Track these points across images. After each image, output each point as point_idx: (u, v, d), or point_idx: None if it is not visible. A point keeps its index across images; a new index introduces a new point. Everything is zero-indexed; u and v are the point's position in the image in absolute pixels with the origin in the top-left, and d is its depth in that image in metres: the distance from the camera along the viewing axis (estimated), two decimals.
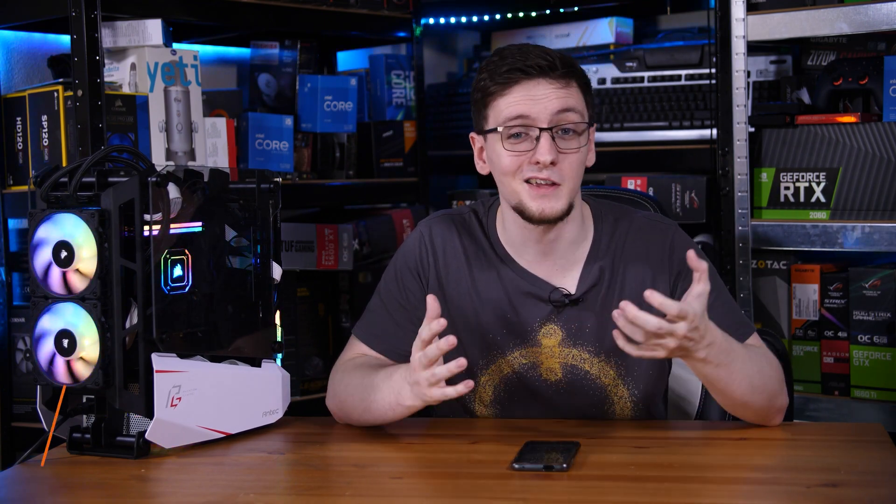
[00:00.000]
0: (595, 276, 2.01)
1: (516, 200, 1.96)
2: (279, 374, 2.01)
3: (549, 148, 1.91)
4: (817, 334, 2.83)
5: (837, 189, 2.73)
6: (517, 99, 1.93)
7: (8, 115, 2.68)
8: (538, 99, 1.92)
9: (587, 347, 2.00)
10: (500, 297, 2.03)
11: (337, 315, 3.17)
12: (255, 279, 1.99)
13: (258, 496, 1.64)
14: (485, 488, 1.65)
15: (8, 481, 1.80)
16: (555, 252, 2.01)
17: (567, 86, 1.94)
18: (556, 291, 2.00)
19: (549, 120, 1.92)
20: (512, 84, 1.93)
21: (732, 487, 1.61)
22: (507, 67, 1.93)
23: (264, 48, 3.15)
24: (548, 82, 1.93)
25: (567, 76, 1.94)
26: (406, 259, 2.09)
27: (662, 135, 3.13)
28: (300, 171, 3.05)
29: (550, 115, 1.92)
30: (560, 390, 2.02)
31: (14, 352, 2.73)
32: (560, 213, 1.94)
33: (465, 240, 2.07)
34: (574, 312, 2.01)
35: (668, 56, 3.15)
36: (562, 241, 2.01)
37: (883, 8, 2.65)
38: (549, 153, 1.91)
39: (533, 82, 1.92)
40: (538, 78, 1.92)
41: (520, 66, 1.92)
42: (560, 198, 1.93)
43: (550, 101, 1.92)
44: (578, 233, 2.03)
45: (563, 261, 2.02)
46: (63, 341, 1.81)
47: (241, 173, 2.06)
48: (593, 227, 2.05)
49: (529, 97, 1.92)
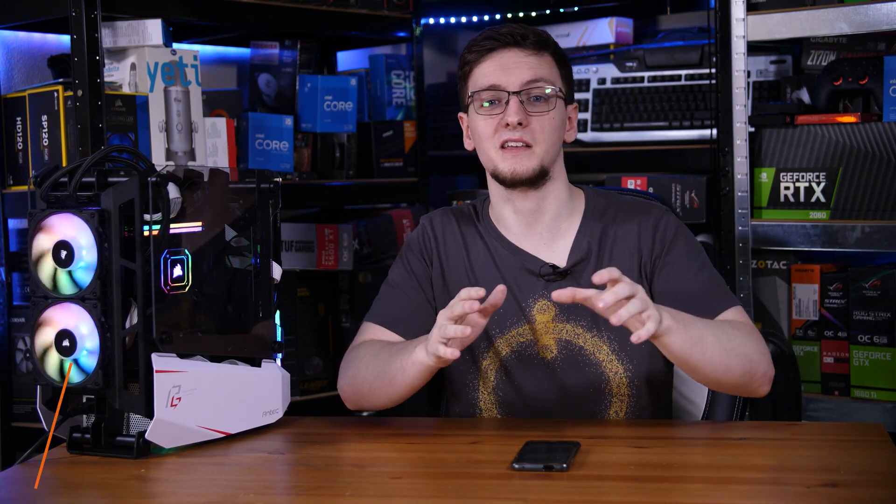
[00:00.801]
0: (584, 250, 2.07)
1: (492, 166, 2.05)
2: (279, 374, 2.01)
3: (517, 109, 2.01)
4: (817, 334, 2.83)
5: (837, 189, 2.73)
6: (490, 69, 2.04)
7: (8, 115, 2.68)
8: (509, 68, 2.03)
9: (580, 322, 2.05)
10: (494, 276, 2.08)
11: (337, 315, 3.17)
12: (255, 279, 1.99)
13: (258, 496, 1.64)
14: (485, 488, 1.65)
15: (8, 481, 1.80)
16: (538, 224, 2.08)
17: (539, 56, 2.05)
18: (545, 266, 2.06)
19: (519, 86, 2.02)
20: (486, 53, 2.05)
21: (732, 487, 1.61)
22: (483, 38, 2.06)
23: (264, 48, 3.15)
24: (519, 50, 2.04)
25: (539, 47, 2.05)
26: (411, 246, 2.17)
27: (662, 135, 3.13)
28: (300, 171, 3.05)
29: (521, 82, 2.02)
30: (556, 368, 2.04)
31: (14, 352, 2.74)
32: (531, 172, 2.02)
33: (463, 226, 2.15)
34: (565, 286, 2.02)
35: (668, 56, 3.15)
36: (544, 212, 2.08)
37: (883, 8, 2.65)
38: (517, 114, 2.01)
39: (506, 51, 2.04)
40: (511, 47, 2.04)
41: (494, 35, 2.06)
42: (531, 158, 2.02)
43: (521, 69, 2.03)
44: (563, 206, 2.09)
45: (550, 234, 2.09)
46: (63, 341, 1.81)
47: (241, 173, 2.06)
48: (583, 206, 2.12)
49: (501, 66, 2.04)
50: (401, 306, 2.11)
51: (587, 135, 3.23)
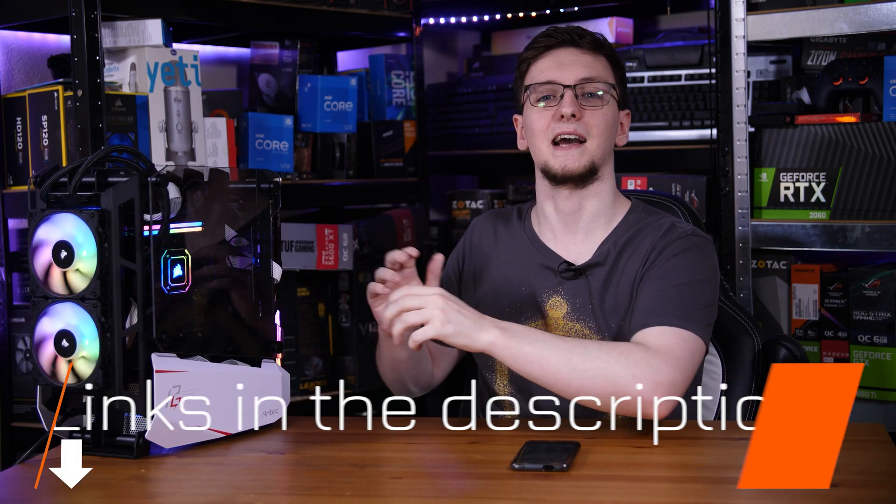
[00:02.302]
0: (603, 254, 2.08)
1: (542, 161, 2.08)
2: (279, 374, 2.01)
3: (571, 101, 2.04)
4: (817, 334, 2.83)
5: (837, 189, 2.73)
6: (547, 64, 2.08)
7: (8, 115, 2.68)
8: (565, 64, 2.07)
9: (588, 323, 2.06)
10: (516, 270, 2.13)
11: (337, 315, 3.17)
12: (255, 279, 1.99)
13: (258, 496, 1.64)
14: (485, 488, 1.65)
15: (8, 481, 1.80)
16: (577, 224, 2.11)
17: (594, 56, 2.09)
18: (563, 262, 2.09)
19: (573, 80, 2.06)
20: (543, 50, 2.09)
21: (732, 487, 1.61)
22: (542, 36, 2.11)
23: (264, 48, 3.15)
24: (576, 49, 2.08)
25: (595, 48, 2.09)
26: (455, 251, 2.27)
27: (662, 135, 3.13)
28: (300, 171, 3.05)
29: (575, 78, 2.06)
30: None
31: (14, 352, 2.74)
32: (583, 169, 2.05)
33: (500, 225, 2.21)
34: (578, 286, 2.07)
35: (668, 56, 3.15)
36: (584, 213, 2.10)
37: (883, 8, 2.65)
38: (571, 105, 2.04)
39: (562, 49, 2.09)
40: (568, 46, 2.09)
41: (552, 34, 2.10)
42: (584, 154, 2.05)
43: (576, 67, 2.07)
44: (604, 211, 2.11)
45: (584, 236, 2.11)
46: (63, 341, 1.81)
47: (241, 173, 2.06)
48: (623, 216, 2.12)
49: (557, 63, 2.08)
50: None
51: None
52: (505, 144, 3.39)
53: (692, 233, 2.07)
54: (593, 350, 1.87)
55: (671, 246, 2.03)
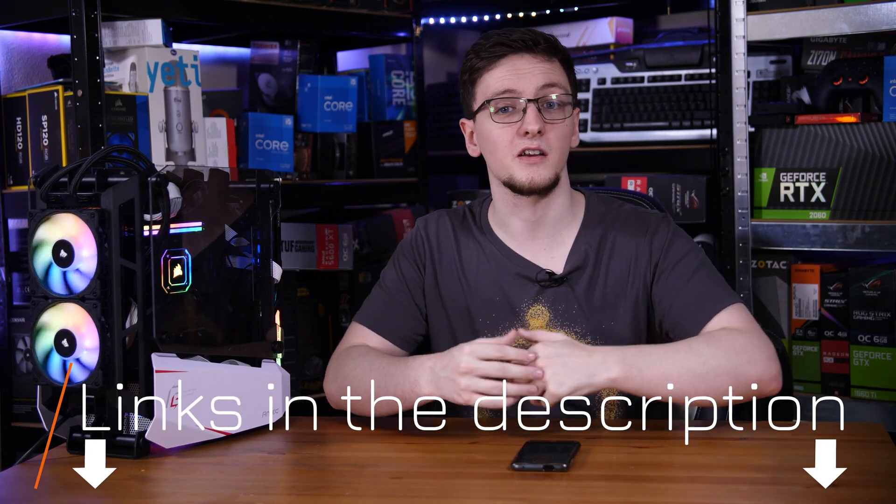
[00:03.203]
0: (581, 257, 2.07)
1: (507, 175, 2.04)
2: (279, 374, 2.01)
3: (535, 117, 1.99)
4: (817, 334, 2.83)
5: (837, 189, 2.73)
6: (503, 73, 2.02)
7: (8, 115, 2.68)
8: (523, 73, 2.01)
9: (574, 328, 2.05)
10: (487, 280, 2.09)
11: (337, 315, 3.17)
12: (255, 279, 1.99)
13: (258, 496, 1.64)
14: (485, 488, 1.65)
15: (8, 481, 1.80)
16: (541, 230, 2.08)
17: (550, 62, 2.03)
18: (542, 272, 2.06)
19: (534, 92, 2.00)
20: (497, 58, 2.02)
21: (732, 487, 1.61)
22: (493, 43, 2.03)
23: (264, 48, 3.15)
24: (532, 56, 2.02)
25: (549, 52, 2.03)
26: (404, 249, 2.17)
27: (662, 135, 3.13)
28: (300, 171, 3.05)
29: (536, 88, 2.00)
30: None
31: (14, 352, 2.73)
32: (547, 181, 2.02)
33: (458, 228, 2.15)
34: (560, 293, 2.06)
35: (668, 56, 3.15)
36: (548, 218, 2.07)
37: (883, 8, 2.64)
38: (536, 122, 1.99)
39: (517, 56, 2.02)
40: (522, 52, 2.02)
41: (504, 41, 2.02)
42: (547, 167, 2.01)
43: (535, 75, 2.01)
44: (565, 213, 2.09)
45: (550, 240, 2.08)
46: (63, 341, 1.81)
47: (241, 173, 2.06)
48: (583, 212, 2.11)
49: (515, 71, 2.01)
50: (389, 311, 2.12)
51: (587, 135, 3.23)
52: None
53: (664, 217, 2.11)
54: (704, 349, 1.89)
55: (662, 239, 2.06)
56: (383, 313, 2.12)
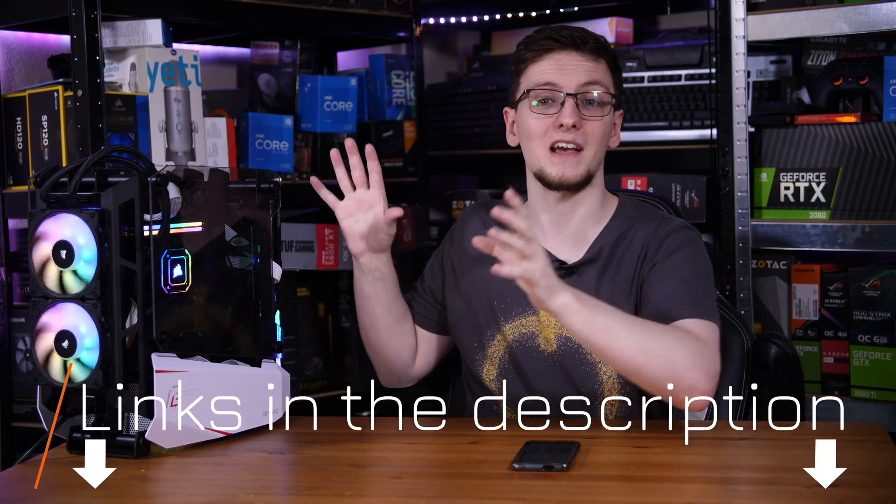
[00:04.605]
0: (595, 252, 2.08)
1: (538, 166, 2.06)
2: (279, 374, 2.01)
3: (572, 111, 2.01)
4: (817, 334, 2.83)
5: (837, 189, 2.73)
6: (547, 67, 2.05)
7: (8, 115, 2.68)
8: (567, 69, 2.04)
9: None
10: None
11: (337, 315, 3.17)
12: (255, 279, 1.99)
13: (258, 496, 1.64)
14: (485, 488, 1.65)
15: (8, 481, 1.80)
16: (567, 226, 2.09)
17: (596, 61, 2.06)
18: (554, 261, 2.06)
19: (575, 87, 2.03)
20: (544, 52, 2.05)
21: (732, 487, 1.61)
22: (542, 37, 2.06)
23: (264, 48, 3.15)
24: (578, 54, 2.05)
25: (597, 53, 2.06)
26: (443, 244, 2.26)
27: (662, 135, 3.13)
28: (300, 171, 3.05)
29: (577, 84, 2.03)
30: (554, 363, 2.06)
31: (14, 352, 2.73)
32: (579, 178, 2.04)
33: (486, 216, 2.15)
34: (571, 284, 2.03)
35: (668, 56, 3.15)
36: (576, 214, 2.09)
37: (883, 8, 2.65)
38: (572, 116, 2.01)
39: (564, 52, 2.05)
40: (570, 49, 2.05)
41: (554, 36, 2.05)
42: (580, 163, 2.03)
43: (578, 71, 2.03)
44: (594, 211, 2.10)
45: (574, 238, 2.10)
46: (63, 341, 1.81)
47: (241, 173, 2.06)
48: (612, 213, 2.12)
49: (559, 65, 2.04)
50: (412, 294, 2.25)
51: None
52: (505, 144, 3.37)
53: (685, 226, 2.10)
54: (656, 331, 1.89)
55: (669, 240, 2.05)
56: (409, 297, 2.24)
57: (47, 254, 1.81)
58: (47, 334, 1.82)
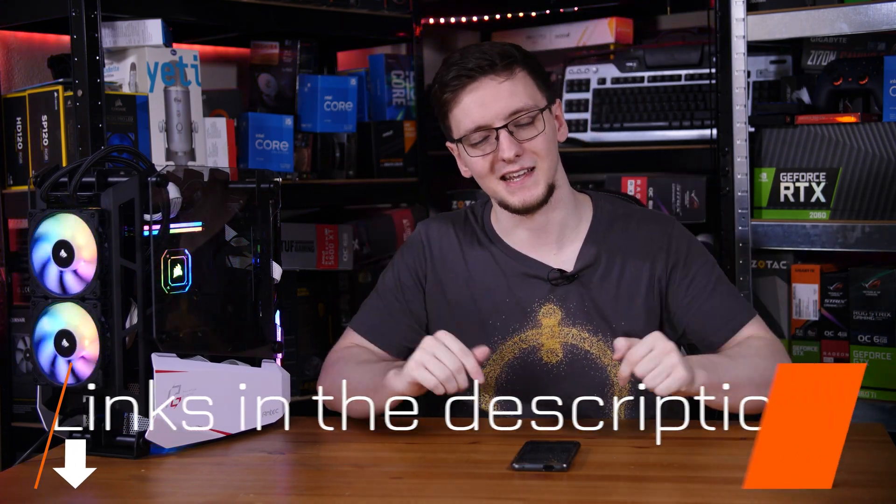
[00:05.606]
0: (591, 256, 2.07)
1: (498, 198, 2.05)
2: (279, 374, 2.01)
3: (509, 144, 1.98)
4: (817, 334, 2.83)
5: (837, 189, 2.73)
6: (469, 106, 1.99)
7: (8, 115, 2.68)
8: (488, 102, 1.98)
9: (586, 326, 2.06)
10: (496, 282, 2.09)
11: (337, 315, 3.17)
12: (255, 279, 1.99)
13: (258, 496, 1.64)
14: (485, 488, 1.65)
15: (8, 481, 1.80)
16: (548, 235, 2.08)
17: (511, 78, 1.99)
18: (553, 270, 2.06)
19: (503, 119, 1.98)
20: (460, 90, 1.99)
21: (732, 487, 1.61)
22: (452, 74, 2.00)
23: (264, 48, 3.15)
24: (492, 79, 1.98)
25: (508, 66, 1.99)
26: (404, 257, 2.16)
27: (662, 135, 3.13)
28: (300, 171, 3.05)
29: (504, 115, 1.98)
30: (561, 373, 2.05)
31: (14, 352, 2.73)
32: (540, 198, 2.02)
33: (460, 231, 2.14)
34: (571, 291, 2.06)
35: (668, 56, 3.15)
36: (552, 224, 2.08)
37: (883, 8, 2.64)
38: (511, 148, 1.98)
39: (478, 83, 1.98)
40: (481, 78, 1.98)
41: (462, 72, 1.99)
42: (537, 183, 2.01)
43: (500, 101, 1.98)
44: (571, 215, 2.09)
45: (558, 244, 2.09)
46: (63, 341, 1.81)
47: (241, 173, 2.06)
48: (592, 212, 2.11)
49: (479, 102, 1.98)
50: (383, 319, 2.13)
51: (587, 135, 3.23)
52: None
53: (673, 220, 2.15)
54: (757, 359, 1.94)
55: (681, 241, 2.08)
56: (377, 321, 2.13)
57: (47, 254, 1.81)
58: (47, 334, 1.82)
